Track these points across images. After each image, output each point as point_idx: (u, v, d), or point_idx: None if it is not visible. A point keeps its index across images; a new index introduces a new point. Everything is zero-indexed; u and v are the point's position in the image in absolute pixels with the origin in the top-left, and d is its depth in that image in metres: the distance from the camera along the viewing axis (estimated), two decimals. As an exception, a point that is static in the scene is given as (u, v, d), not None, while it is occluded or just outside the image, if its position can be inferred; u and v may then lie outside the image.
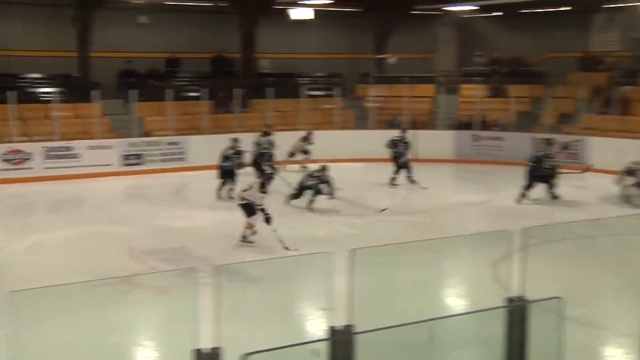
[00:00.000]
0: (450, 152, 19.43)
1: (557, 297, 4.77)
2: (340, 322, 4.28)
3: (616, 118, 18.09)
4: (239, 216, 10.13)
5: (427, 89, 22.13)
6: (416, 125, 19.70)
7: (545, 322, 4.90)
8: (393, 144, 15.60)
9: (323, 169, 12.97)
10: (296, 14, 21.23)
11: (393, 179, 15.26)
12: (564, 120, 19.96)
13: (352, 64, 23.41)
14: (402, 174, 15.22)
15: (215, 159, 14.03)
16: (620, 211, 12.52)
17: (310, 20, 21.47)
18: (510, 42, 22.48)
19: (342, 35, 23.40)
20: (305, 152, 17.62)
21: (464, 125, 20.40)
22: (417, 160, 16.39)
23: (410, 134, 16.28)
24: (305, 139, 17.58)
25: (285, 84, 20.68)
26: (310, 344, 4.30)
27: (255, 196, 10.03)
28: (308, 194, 12.84)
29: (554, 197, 13.65)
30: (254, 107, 20.02)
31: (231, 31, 21.19)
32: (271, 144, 15.73)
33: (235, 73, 21.39)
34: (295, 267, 6.80)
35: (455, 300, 7.34)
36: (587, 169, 14.22)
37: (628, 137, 17.50)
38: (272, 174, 14.35)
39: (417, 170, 15.17)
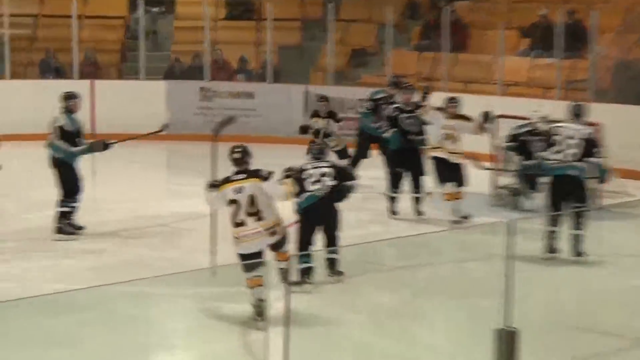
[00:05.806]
0: (156, 120, 17.58)
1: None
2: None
3: (444, 56, 18.22)
4: None
5: (115, 3, 21.91)
6: (91, 70, 19.44)
7: None
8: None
9: None
10: None
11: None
12: (359, 60, 20.11)
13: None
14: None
15: None
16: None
17: None
18: None
19: None
20: None
21: (182, 71, 20.01)
22: (92, 135, 15.61)
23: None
24: None
25: None
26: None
27: None
28: None
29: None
30: None
31: None
32: None
33: None
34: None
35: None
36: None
37: (461, 89, 17.10)
38: None
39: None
